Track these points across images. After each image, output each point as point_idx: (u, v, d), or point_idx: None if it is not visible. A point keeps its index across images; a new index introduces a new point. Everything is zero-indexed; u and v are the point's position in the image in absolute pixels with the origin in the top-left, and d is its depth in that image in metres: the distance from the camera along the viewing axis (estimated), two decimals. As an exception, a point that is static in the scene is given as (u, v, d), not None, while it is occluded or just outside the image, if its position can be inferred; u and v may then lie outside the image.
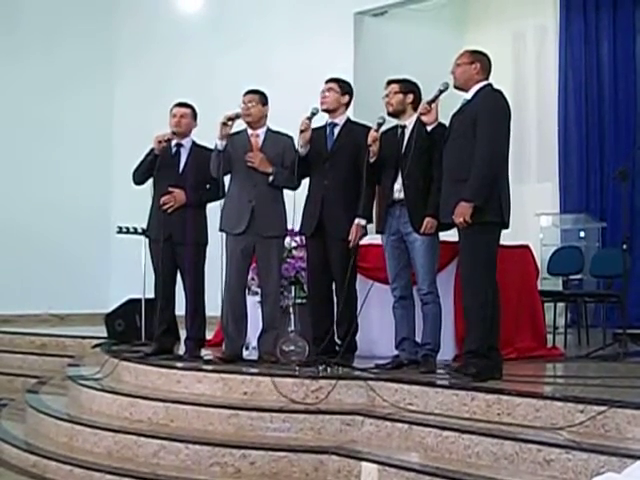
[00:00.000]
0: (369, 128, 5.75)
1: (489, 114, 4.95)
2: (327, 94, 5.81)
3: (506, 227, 5.03)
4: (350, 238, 5.60)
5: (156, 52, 11.08)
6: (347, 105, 5.88)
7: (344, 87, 5.87)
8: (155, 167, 6.10)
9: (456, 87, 5.16)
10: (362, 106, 8.04)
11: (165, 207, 6.10)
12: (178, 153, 6.23)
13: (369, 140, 5.47)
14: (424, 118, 5.23)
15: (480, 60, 5.11)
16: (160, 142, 6.09)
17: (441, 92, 5.19)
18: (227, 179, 6.03)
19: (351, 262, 5.53)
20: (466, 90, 5.11)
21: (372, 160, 5.49)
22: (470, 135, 4.94)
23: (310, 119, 5.68)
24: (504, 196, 4.99)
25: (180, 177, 6.16)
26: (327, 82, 5.87)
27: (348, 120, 5.87)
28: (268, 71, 9.53)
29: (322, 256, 5.76)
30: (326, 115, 5.87)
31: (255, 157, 5.84)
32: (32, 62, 10.64)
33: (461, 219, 4.88)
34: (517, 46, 10.38)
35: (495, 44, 9.35)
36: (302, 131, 5.66)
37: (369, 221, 5.68)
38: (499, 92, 5.07)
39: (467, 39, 9.98)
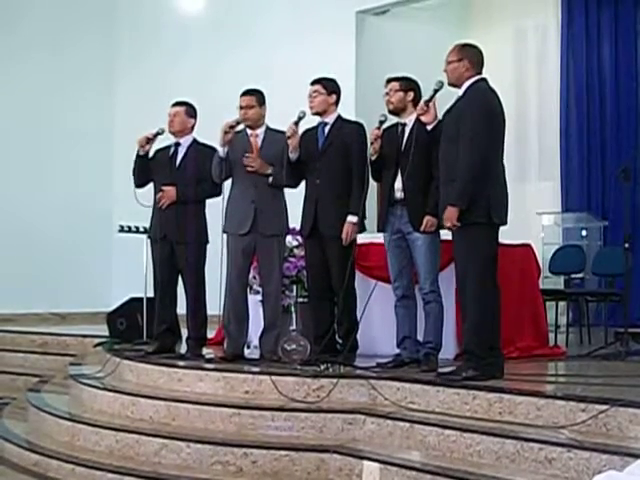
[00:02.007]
0: (359, 124, 5.75)
1: (471, 113, 4.85)
2: (314, 96, 5.77)
3: (498, 226, 4.94)
4: (343, 236, 5.60)
5: (157, 53, 11.07)
6: (336, 103, 5.82)
7: (330, 86, 5.80)
8: (145, 168, 6.17)
9: (450, 85, 5.10)
10: (364, 104, 8.05)
11: (159, 205, 6.12)
12: (175, 152, 6.23)
13: (371, 138, 5.46)
14: (423, 118, 5.21)
15: (468, 56, 4.99)
16: (142, 145, 6.12)
17: (436, 91, 5.15)
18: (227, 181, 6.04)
19: (349, 260, 5.53)
20: (459, 87, 5.04)
21: (373, 158, 5.48)
22: (457, 134, 4.87)
23: (297, 124, 5.66)
24: (494, 196, 4.87)
25: (176, 175, 6.15)
26: (312, 84, 5.81)
27: (338, 118, 5.83)
28: (270, 71, 9.53)
29: (320, 255, 5.75)
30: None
31: (254, 161, 5.82)
32: (34, 63, 10.63)
33: (449, 223, 4.86)
34: (519, 45, 10.36)
35: (497, 43, 9.37)
36: (289, 137, 5.65)
37: (363, 217, 5.66)
38: (489, 89, 4.97)
39: (469, 38, 9.84)
